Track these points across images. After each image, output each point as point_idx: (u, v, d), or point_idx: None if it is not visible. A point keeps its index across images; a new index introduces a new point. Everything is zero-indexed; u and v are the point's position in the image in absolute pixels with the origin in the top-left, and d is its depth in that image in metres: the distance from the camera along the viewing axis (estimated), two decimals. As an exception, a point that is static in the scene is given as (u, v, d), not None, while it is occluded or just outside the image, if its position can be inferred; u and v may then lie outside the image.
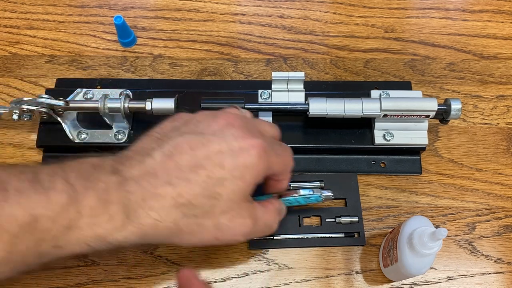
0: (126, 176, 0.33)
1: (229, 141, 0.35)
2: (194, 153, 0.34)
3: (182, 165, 0.34)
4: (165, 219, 0.34)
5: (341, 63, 0.60)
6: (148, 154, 0.35)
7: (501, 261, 0.49)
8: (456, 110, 0.49)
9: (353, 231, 0.49)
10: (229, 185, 0.34)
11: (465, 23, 0.63)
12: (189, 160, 0.34)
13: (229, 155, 0.35)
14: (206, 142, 0.35)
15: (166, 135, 0.37)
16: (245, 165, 0.35)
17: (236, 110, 0.42)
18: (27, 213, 0.30)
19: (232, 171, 0.34)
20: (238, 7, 0.64)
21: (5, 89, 0.58)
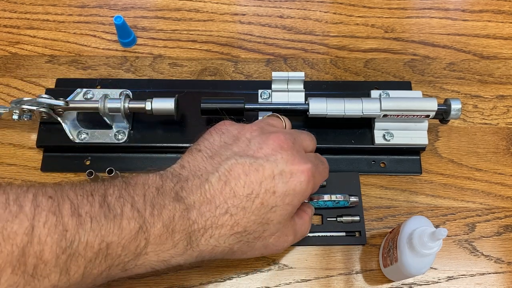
0: (188, 203, 0.35)
1: (280, 166, 0.36)
2: (249, 179, 0.35)
3: (238, 193, 0.35)
4: (222, 245, 0.36)
5: (341, 63, 0.60)
6: (206, 179, 0.35)
7: (501, 261, 0.49)
8: (456, 110, 0.49)
9: (354, 230, 0.49)
10: (279, 211, 0.36)
11: (465, 23, 0.63)
12: (244, 186, 0.35)
13: (281, 181, 0.36)
14: (259, 168, 0.36)
15: (217, 153, 0.37)
16: (295, 191, 0.36)
17: (280, 121, 0.43)
18: (101, 241, 0.31)
19: (283, 197, 0.36)
20: (238, 7, 0.64)
21: (5, 89, 0.58)
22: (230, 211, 0.35)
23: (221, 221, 0.35)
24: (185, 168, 0.37)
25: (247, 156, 0.36)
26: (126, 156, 0.53)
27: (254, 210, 0.35)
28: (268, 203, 0.36)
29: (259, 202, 0.35)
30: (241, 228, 0.36)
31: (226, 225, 0.35)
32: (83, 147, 0.52)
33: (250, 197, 0.35)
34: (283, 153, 0.37)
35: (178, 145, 0.52)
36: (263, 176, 0.35)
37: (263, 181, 0.35)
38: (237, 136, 0.39)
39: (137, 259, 0.33)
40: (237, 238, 0.36)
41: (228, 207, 0.35)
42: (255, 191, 0.35)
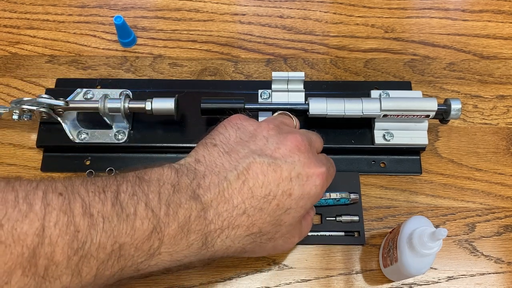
0: (205, 202, 0.34)
1: (297, 168, 0.36)
2: (267, 179, 0.35)
3: (256, 193, 0.35)
4: (236, 245, 0.36)
5: (341, 63, 0.60)
6: (224, 177, 0.35)
7: (501, 261, 0.49)
8: (456, 110, 0.49)
9: (353, 230, 0.49)
10: (293, 213, 0.36)
11: (465, 23, 0.63)
12: (262, 187, 0.35)
13: (297, 183, 0.36)
14: (277, 168, 0.35)
15: (234, 149, 0.37)
16: (310, 194, 0.36)
17: (292, 121, 0.43)
18: (113, 242, 0.30)
19: (298, 200, 0.36)
20: (238, 7, 0.64)
21: (5, 89, 0.58)
22: (248, 212, 0.35)
23: (238, 222, 0.35)
24: (200, 163, 0.36)
25: (265, 156, 0.36)
26: (126, 156, 0.53)
27: (270, 212, 0.35)
28: (284, 205, 0.35)
29: (275, 203, 0.35)
30: (257, 229, 0.35)
31: (242, 226, 0.35)
32: (83, 147, 0.52)
33: (268, 198, 0.35)
34: (301, 155, 0.36)
35: (178, 145, 0.52)
36: (280, 178, 0.35)
37: (281, 182, 0.35)
38: (254, 133, 0.38)
39: (150, 260, 0.33)
40: (251, 238, 0.36)
41: (246, 208, 0.34)
42: (273, 192, 0.35)
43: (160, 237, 0.32)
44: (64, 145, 0.52)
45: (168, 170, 0.35)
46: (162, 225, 0.32)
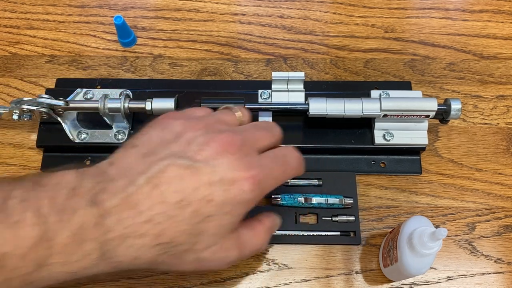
0: (106, 208, 0.30)
1: (221, 172, 0.32)
2: (182, 184, 0.31)
3: (168, 198, 0.31)
4: (144, 256, 0.31)
5: (341, 63, 0.60)
6: (133, 181, 0.31)
7: (501, 261, 0.49)
8: (456, 110, 0.49)
9: (349, 230, 0.50)
10: (215, 220, 0.32)
11: (465, 23, 0.63)
12: (176, 192, 0.31)
13: (220, 188, 0.32)
14: (196, 172, 0.31)
15: (153, 151, 0.33)
16: (236, 200, 0.32)
17: (233, 116, 0.39)
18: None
19: (221, 206, 0.32)
20: (238, 7, 0.64)
21: (5, 89, 0.58)
22: (155, 219, 0.31)
23: (143, 230, 0.30)
24: (113, 166, 0.33)
25: (185, 158, 0.32)
26: (126, 156, 0.53)
27: (185, 219, 0.31)
28: (202, 212, 0.31)
29: (191, 210, 0.31)
30: (167, 239, 0.31)
31: (148, 235, 0.31)
32: (83, 147, 0.52)
33: (181, 204, 0.31)
34: (227, 157, 0.32)
35: (178, 145, 0.52)
36: (199, 182, 0.31)
37: (199, 187, 0.31)
38: (179, 134, 0.34)
39: (40, 271, 0.29)
40: (162, 249, 0.32)
41: (153, 214, 0.30)
42: (188, 198, 0.31)
43: (49, 246, 0.29)
44: (64, 145, 0.52)
45: (70, 173, 0.32)
46: (52, 233, 0.29)
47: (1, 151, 0.54)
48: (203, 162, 0.32)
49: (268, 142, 0.37)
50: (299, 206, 0.50)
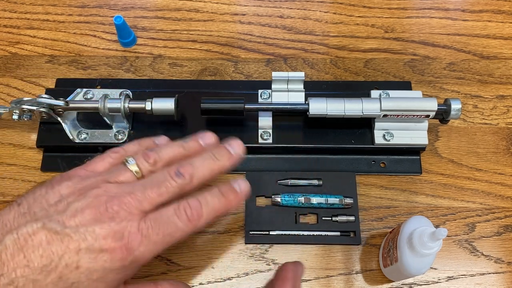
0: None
1: (89, 240, 0.32)
2: (50, 248, 0.31)
3: (33, 262, 0.30)
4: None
5: (341, 63, 0.60)
6: (1, 240, 0.31)
7: (501, 261, 0.49)
8: (456, 110, 0.49)
9: (349, 230, 0.50)
10: (83, 287, 0.32)
11: (465, 23, 0.63)
12: (43, 256, 0.31)
13: (87, 256, 0.31)
14: (65, 238, 0.31)
15: (31, 211, 0.33)
16: (105, 268, 0.32)
17: (128, 175, 0.36)
18: None
19: (89, 274, 0.32)
20: (238, 7, 0.64)
21: (5, 89, 0.58)
22: (17, 282, 0.30)
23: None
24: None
25: (57, 223, 0.32)
26: (126, 156, 0.53)
27: (48, 284, 0.31)
28: (67, 278, 0.31)
29: (56, 276, 0.31)
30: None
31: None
32: (83, 147, 0.52)
33: (46, 269, 0.30)
34: (98, 225, 0.32)
35: (178, 145, 0.52)
36: (66, 248, 0.31)
37: (66, 253, 0.31)
38: (62, 197, 0.34)
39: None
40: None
41: (15, 277, 0.30)
42: (54, 263, 0.31)
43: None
44: (64, 145, 0.52)
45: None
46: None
47: (1, 151, 0.54)
48: (74, 229, 0.32)
49: (165, 198, 0.35)
50: (299, 206, 0.50)
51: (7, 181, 0.53)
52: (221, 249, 0.49)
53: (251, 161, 0.53)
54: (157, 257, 0.49)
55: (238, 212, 0.51)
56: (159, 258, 0.49)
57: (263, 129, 0.52)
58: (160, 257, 0.49)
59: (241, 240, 0.50)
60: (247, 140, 0.52)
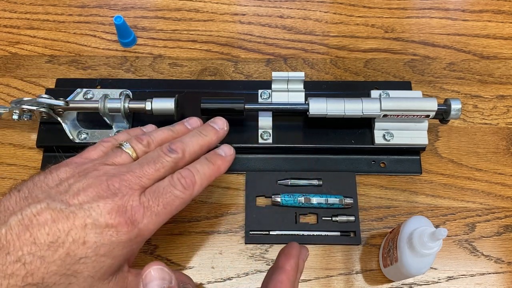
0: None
1: (94, 216, 0.33)
2: (55, 226, 0.32)
3: (40, 240, 0.31)
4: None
5: (341, 63, 0.60)
6: (5, 222, 0.32)
7: (501, 261, 0.49)
8: (456, 110, 0.49)
9: (349, 230, 0.50)
10: (90, 263, 0.32)
11: (465, 23, 0.63)
12: (49, 234, 0.31)
13: (93, 231, 0.32)
14: (70, 215, 0.32)
15: (33, 194, 0.34)
16: (112, 242, 0.33)
17: (124, 156, 0.38)
18: None
19: (96, 249, 0.32)
20: (238, 7, 0.64)
21: (5, 89, 0.58)
22: (24, 259, 0.31)
23: (11, 270, 0.30)
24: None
25: (60, 202, 0.33)
26: (126, 156, 0.53)
27: (56, 260, 0.31)
28: (75, 254, 0.32)
29: (63, 252, 0.31)
30: (37, 279, 0.31)
31: (17, 275, 0.30)
32: (83, 147, 0.52)
33: (53, 246, 0.31)
34: (101, 201, 0.33)
35: (178, 145, 0.52)
36: (72, 225, 0.32)
37: (72, 230, 0.32)
38: (62, 180, 0.35)
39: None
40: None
41: (22, 255, 0.31)
42: (61, 239, 0.31)
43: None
44: (64, 145, 0.52)
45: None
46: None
47: (1, 151, 0.54)
48: (78, 206, 0.33)
49: (162, 173, 0.37)
50: (299, 206, 0.50)
51: (7, 181, 0.53)
52: (221, 249, 0.49)
53: (251, 161, 0.53)
54: (156, 257, 0.49)
55: (238, 212, 0.51)
56: (159, 258, 0.49)
57: (263, 129, 0.52)
58: (160, 257, 0.49)
59: (241, 240, 0.50)
60: (247, 140, 0.52)
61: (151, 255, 0.49)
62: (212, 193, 0.52)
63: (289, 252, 0.39)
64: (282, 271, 0.38)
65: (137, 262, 0.48)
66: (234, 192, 0.52)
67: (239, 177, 0.53)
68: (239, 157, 0.54)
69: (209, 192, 0.52)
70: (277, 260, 0.39)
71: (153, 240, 0.50)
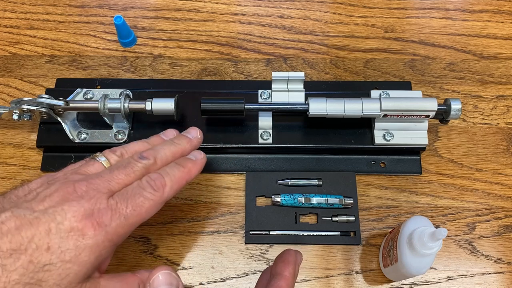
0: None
1: (59, 220, 0.32)
2: (19, 233, 0.31)
3: (1, 248, 0.30)
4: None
5: (341, 63, 0.60)
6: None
7: (501, 261, 0.49)
8: (456, 110, 0.49)
9: (349, 230, 0.50)
10: (55, 270, 0.31)
11: (465, 23, 0.63)
12: (11, 242, 0.30)
13: (57, 236, 0.31)
14: (34, 221, 0.31)
15: (1, 206, 0.34)
16: (77, 247, 0.32)
17: (96, 165, 0.38)
18: None
19: (60, 254, 0.31)
20: (238, 7, 0.64)
21: (5, 89, 0.58)
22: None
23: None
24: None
25: (25, 209, 0.32)
26: (126, 156, 0.53)
27: (18, 269, 0.30)
28: (38, 261, 0.31)
29: (26, 259, 0.30)
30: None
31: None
32: (83, 147, 0.52)
33: (15, 254, 0.30)
34: (66, 204, 0.33)
35: (178, 145, 0.52)
36: (36, 231, 0.31)
37: (35, 235, 0.31)
38: (32, 189, 0.35)
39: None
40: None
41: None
42: (23, 246, 0.31)
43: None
44: (64, 145, 0.52)
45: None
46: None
47: (1, 151, 0.54)
48: (42, 212, 0.32)
49: (132, 178, 0.37)
50: (299, 206, 0.50)
51: (7, 181, 0.53)
52: (221, 249, 0.49)
53: (251, 161, 0.53)
54: (156, 257, 0.49)
55: (238, 212, 0.51)
56: (159, 258, 0.49)
57: (263, 129, 0.52)
58: (160, 257, 0.49)
59: (241, 240, 0.50)
60: (247, 140, 0.52)
61: (151, 255, 0.49)
62: (212, 193, 0.52)
63: (287, 259, 0.39)
64: (281, 277, 0.37)
65: (137, 263, 0.48)
66: (234, 192, 0.52)
67: (239, 177, 0.53)
68: (239, 157, 0.54)
69: (209, 192, 0.52)
70: (274, 266, 0.39)
71: (153, 240, 0.50)
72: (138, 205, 0.35)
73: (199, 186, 0.52)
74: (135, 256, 0.49)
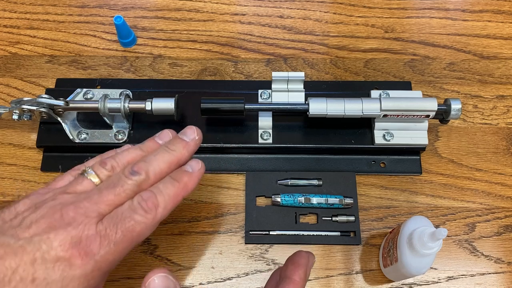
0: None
1: (44, 249, 0.30)
2: (3, 263, 0.29)
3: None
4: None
5: (341, 63, 0.60)
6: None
7: (501, 261, 0.49)
8: (456, 110, 0.49)
9: (349, 230, 0.50)
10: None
11: (465, 23, 0.63)
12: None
13: (43, 267, 0.30)
14: (18, 250, 0.30)
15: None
16: (64, 278, 0.30)
17: (87, 184, 0.35)
18: None
19: (47, 286, 0.30)
20: (238, 7, 0.64)
21: (5, 89, 0.58)
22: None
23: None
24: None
25: (10, 236, 0.31)
26: (126, 156, 0.53)
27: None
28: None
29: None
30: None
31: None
32: (83, 147, 0.52)
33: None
34: (53, 232, 0.31)
35: (178, 145, 0.52)
36: (21, 261, 0.29)
37: (20, 266, 0.29)
38: (18, 213, 0.33)
39: None
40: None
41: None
42: (7, 278, 0.29)
43: None
44: (64, 145, 0.52)
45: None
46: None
47: (1, 151, 0.54)
48: (27, 240, 0.30)
49: (123, 197, 0.34)
50: (299, 206, 0.50)
51: (7, 181, 0.53)
52: (221, 249, 0.49)
53: (251, 161, 0.53)
54: (156, 257, 0.49)
55: (238, 212, 0.51)
56: (159, 258, 0.49)
57: (263, 129, 0.52)
58: (160, 257, 0.49)
59: (241, 240, 0.50)
60: (247, 140, 0.52)
61: (151, 255, 0.49)
62: (212, 193, 0.52)
63: (298, 262, 0.37)
64: (290, 281, 0.36)
65: (137, 263, 0.48)
66: (234, 192, 0.52)
67: (239, 177, 0.53)
68: (239, 157, 0.54)
69: (209, 192, 0.52)
70: (284, 268, 0.37)
71: (153, 240, 0.50)
72: (129, 229, 0.33)
73: (199, 186, 0.52)
74: (135, 256, 0.49)
